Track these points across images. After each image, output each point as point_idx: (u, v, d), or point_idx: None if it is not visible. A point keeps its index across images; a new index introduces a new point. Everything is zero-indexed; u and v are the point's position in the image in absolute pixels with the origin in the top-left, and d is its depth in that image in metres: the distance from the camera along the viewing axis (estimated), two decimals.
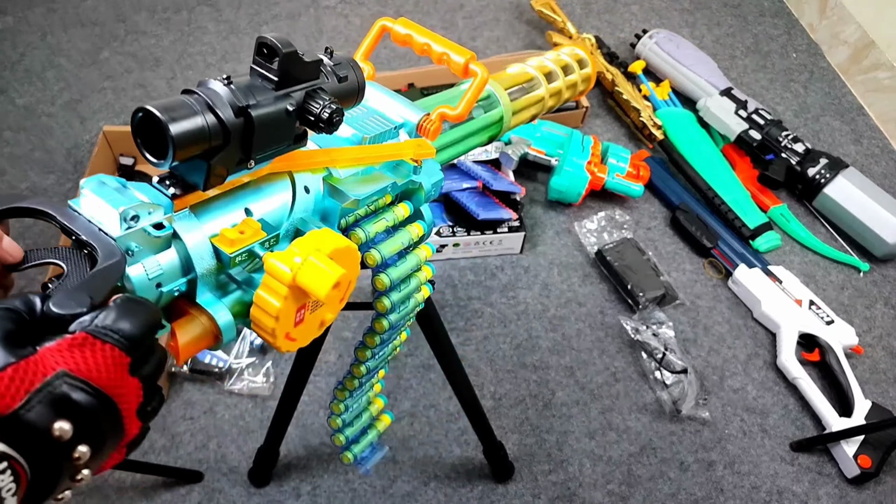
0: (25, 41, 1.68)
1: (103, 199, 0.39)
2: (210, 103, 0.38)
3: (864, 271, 1.31)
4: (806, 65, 1.72)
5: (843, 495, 1.04)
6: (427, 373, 1.15)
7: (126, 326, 0.31)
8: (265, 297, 0.40)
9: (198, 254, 0.41)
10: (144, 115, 0.37)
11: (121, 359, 0.31)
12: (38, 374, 0.28)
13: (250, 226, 0.44)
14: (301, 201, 0.49)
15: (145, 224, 0.39)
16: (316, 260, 0.40)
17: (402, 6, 1.82)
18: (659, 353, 1.13)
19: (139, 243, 0.39)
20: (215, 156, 0.39)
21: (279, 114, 0.42)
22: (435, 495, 1.03)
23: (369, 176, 0.54)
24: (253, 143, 0.41)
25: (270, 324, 0.41)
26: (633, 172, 1.36)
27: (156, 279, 0.40)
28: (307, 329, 0.45)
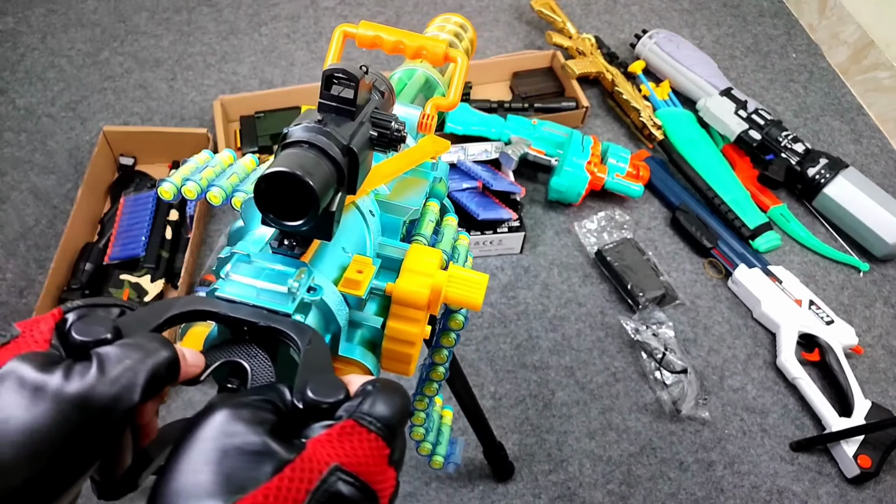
0: (25, 42, 1.68)
1: (257, 279, 0.37)
2: (323, 149, 0.37)
3: (863, 271, 1.31)
4: (806, 65, 1.72)
5: (842, 495, 1.04)
6: None
7: (387, 413, 0.30)
8: (401, 327, 0.40)
9: (336, 306, 0.40)
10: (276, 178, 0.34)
11: (383, 450, 0.29)
12: (315, 470, 0.27)
13: (363, 263, 0.42)
14: (373, 225, 0.48)
15: (302, 291, 0.37)
16: (457, 270, 0.40)
17: (401, 7, 1.82)
18: (659, 353, 1.13)
19: (299, 312, 0.37)
20: (335, 202, 0.38)
21: (366, 142, 0.41)
22: (436, 495, 1.03)
23: (401, 184, 0.54)
24: (357, 177, 0.40)
25: (409, 351, 0.41)
26: (633, 172, 1.36)
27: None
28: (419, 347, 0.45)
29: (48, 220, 1.32)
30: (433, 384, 0.63)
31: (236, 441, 0.27)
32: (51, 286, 1.12)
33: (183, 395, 1.11)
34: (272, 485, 0.25)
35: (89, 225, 1.27)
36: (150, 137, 1.37)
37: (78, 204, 1.23)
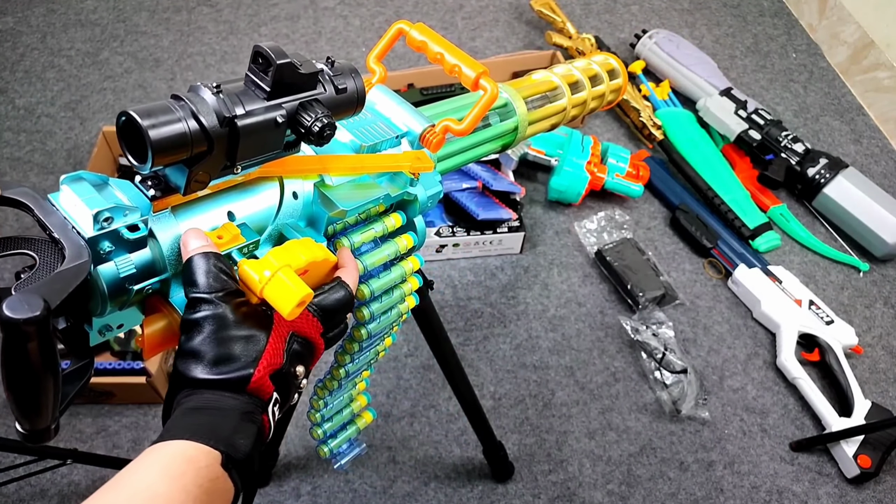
0: (25, 42, 1.68)
1: (80, 198, 0.39)
2: (195, 111, 0.38)
3: (863, 271, 1.31)
4: (805, 65, 1.72)
5: (842, 495, 1.04)
6: (427, 373, 1.15)
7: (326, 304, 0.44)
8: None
9: (172, 254, 0.42)
10: (127, 119, 0.37)
11: (318, 325, 0.44)
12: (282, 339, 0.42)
13: (229, 231, 0.44)
14: (287, 206, 0.49)
15: (120, 226, 0.39)
16: (284, 276, 0.41)
17: (401, 7, 1.82)
18: (659, 353, 1.13)
19: (112, 243, 0.39)
20: (198, 162, 0.39)
21: (267, 124, 0.41)
22: (435, 495, 1.03)
23: (363, 184, 0.53)
24: (238, 151, 0.41)
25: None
26: (633, 172, 1.36)
27: (127, 277, 0.40)
28: None
29: None
30: (334, 381, 0.65)
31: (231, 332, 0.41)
32: None
33: None
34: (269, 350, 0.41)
35: None
36: None
37: None
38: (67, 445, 1.05)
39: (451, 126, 0.57)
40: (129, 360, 1.08)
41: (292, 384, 0.43)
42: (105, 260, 0.40)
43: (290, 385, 0.43)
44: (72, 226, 0.39)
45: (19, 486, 1.01)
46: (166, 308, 0.44)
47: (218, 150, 0.40)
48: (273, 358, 0.41)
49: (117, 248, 0.40)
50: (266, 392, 0.41)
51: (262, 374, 0.40)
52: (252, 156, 0.43)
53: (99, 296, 0.40)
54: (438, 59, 0.59)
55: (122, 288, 0.41)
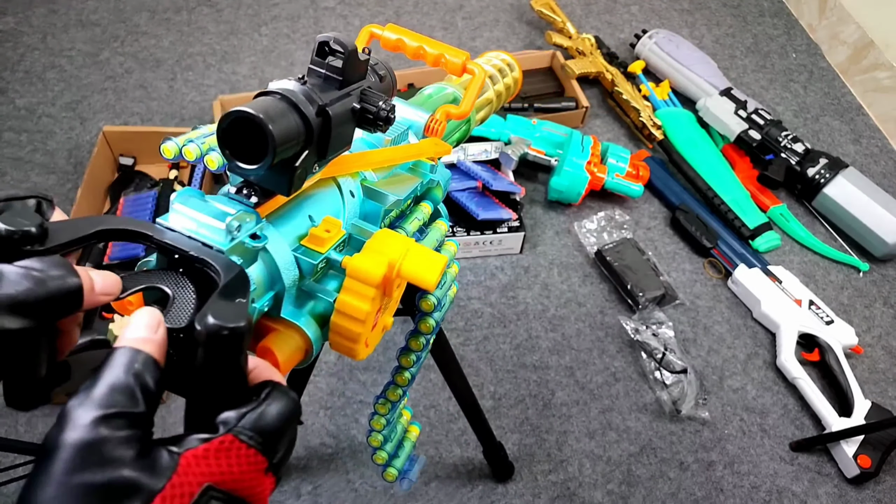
0: (26, 42, 1.68)
1: (200, 213, 0.36)
2: (295, 102, 0.37)
3: (863, 271, 1.31)
4: (805, 65, 1.72)
5: (842, 495, 1.04)
6: (427, 373, 1.15)
7: (270, 426, 0.30)
8: (350, 301, 0.39)
9: (285, 264, 0.39)
10: (238, 119, 0.34)
11: (261, 463, 0.29)
12: (186, 494, 0.27)
13: (333, 224, 0.42)
14: (350, 205, 0.48)
15: (244, 235, 0.36)
16: (419, 248, 0.39)
17: (401, 7, 1.82)
18: (659, 353, 1.13)
19: (240, 256, 0.36)
20: (298, 158, 0.38)
21: (347, 112, 0.41)
22: (435, 495, 1.03)
23: (395, 178, 0.54)
24: (329, 143, 0.39)
25: (357, 329, 0.39)
26: (633, 172, 1.36)
27: (251, 295, 0.37)
28: (376, 334, 0.44)
29: None
30: (398, 389, 0.62)
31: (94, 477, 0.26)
32: None
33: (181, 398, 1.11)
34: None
35: None
36: (149, 137, 1.37)
37: (78, 204, 1.23)
38: None
39: (450, 111, 0.59)
40: None
41: None
42: None
43: None
44: (202, 243, 0.35)
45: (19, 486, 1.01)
46: (279, 325, 0.40)
47: (314, 144, 0.38)
48: None
49: (243, 263, 0.36)
50: None
51: None
52: (335, 150, 0.41)
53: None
54: (420, 54, 0.59)
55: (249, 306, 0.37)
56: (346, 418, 1.10)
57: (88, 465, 0.26)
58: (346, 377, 1.14)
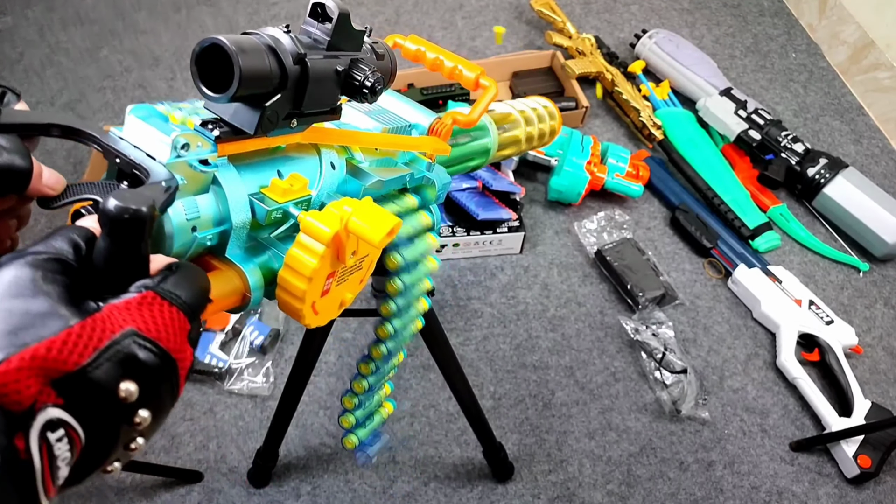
0: (25, 40, 1.68)
1: (152, 127, 0.37)
2: (273, 46, 0.38)
3: (863, 271, 1.31)
4: (805, 65, 1.72)
5: (842, 495, 1.04)
6: (427, 373, 1.15)
7: (187, 293, 0.30)
8: (299, 255, 0.39)
9: (236, 203, 0.40)
10: (211, 47, 0.35)
11: (184, 324, 0.30)
12: (107, 331, 0.26)
13: (299, 180, 0.43)
14: (328, 176, 0.48)
15: (193, 157, 0.37)
16: (370, 206, 0.40)
17: (400, 6, 1.82)
18: (659, 353, 1.13)
19: (184, 177, 0.36)
20: (269, 99, 0.38)
21: (329, 72, 0.41)
22: (435, 495, 1.03)
23: (386, 168, 0.54)
24: (305, 95, 0.40)
25: (302, 286, 0.39)
26: (633, 172, 1.36)
27: (193, 221, 0.37)
28: (329, 305, 0.44)
29: (47, 219, 1.32)
30: (371, 363, 0.61)
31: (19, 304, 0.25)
32: None
33: (182, 395, 1.10)
34: (57, 339, 0.25)
35: None
36: None
37: None
38: None
39: (458, 117, 0.59)
40: None
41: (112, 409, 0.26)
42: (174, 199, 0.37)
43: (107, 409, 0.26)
44: (146, 154, 0.36)
45: None
46: (222, 265, 0.40)
47: (288, 91, 0.39)
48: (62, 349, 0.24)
49: (186, 185, 0.37)
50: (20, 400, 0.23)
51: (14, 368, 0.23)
52: (312, 105, 0.42)
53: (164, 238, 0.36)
54: (437, 65, 0.61)
55: (187, 233, 0.37)
56: None
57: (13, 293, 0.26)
58: (345, 377, 1.14)
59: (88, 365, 0.25)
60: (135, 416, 0.27)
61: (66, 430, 0.24)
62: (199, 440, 1.07)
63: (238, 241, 0.41)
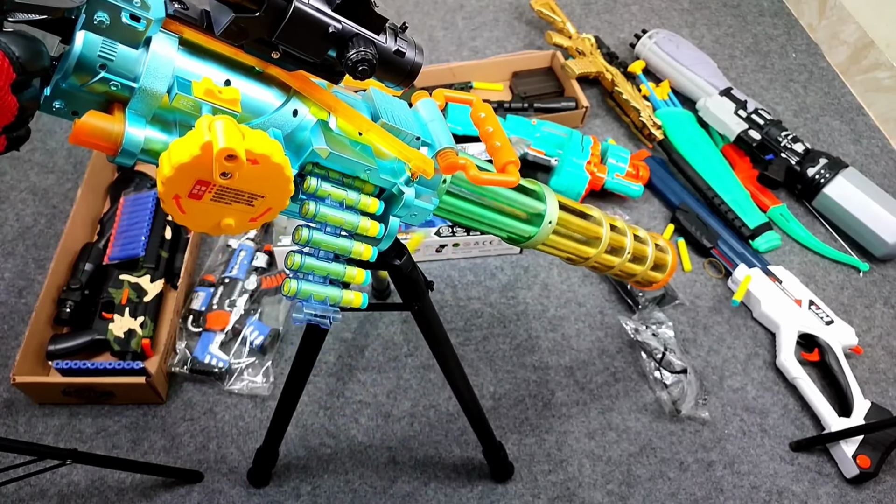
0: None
1: None
2: None
3: (863, 271, 1.31)
4: (805, 65, 1.72)
5: (842, 495, 1.04)
6: (427, 373, 1.15)
7: (20, 49, 0.37)
8: (177, 145, 0.41)
9: (153, 70, 0.42)
10: None
11: (8, 71, 0.36)
12: None
13: (232, 93, 0.44)
14: (280, 115, 0.49)
15: (124, 6, 0.40)
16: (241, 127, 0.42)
17: (401, 7, 1.82)
18: (658, 353, 1.13)
19: (109, 19, 0.39)
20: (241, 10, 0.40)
21: (319, 26, 0.42)
22: (435, 495, 1.03)
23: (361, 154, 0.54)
24: (280, 30, 0.42)
25: (166, 171, 0.41)
26: (633, 172, 1.36)
27: (104, 59, 0.41)
28: (202, 212, 0.45)
29: (47, 219, 1.32)
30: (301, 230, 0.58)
31: None
32: (50, 286, 1.12)
33: (182, 395, 1.11)
34: None
35: (89, 225, 1.27)
36: None
37: (77, 204, 1.23)
38: (67, 445, 1.05)
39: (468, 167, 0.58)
40: (128, 361, 1.08)
41: None
42: (94, 31, 0.40)
43: None
44: None
45: (19, 486, 1.01)
46: (118, 114, 0.43)
47: (265, 16, 0.41)
48: None
49: (111, 30, 0.40)
50: None
51: None
52: (289, 45, 0.43)
53: (69, 58, 0.40)
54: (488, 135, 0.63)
55: (93, 67, 0.41)
56: (346, 418, 1.10)
57: None
58: (345, 377, 1.14)
59: None
60: None
61: None
62: (199, 440, 1.07)
63: (142, 105, 0.43)
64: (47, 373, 1.10)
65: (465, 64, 1.55)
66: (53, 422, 1.08)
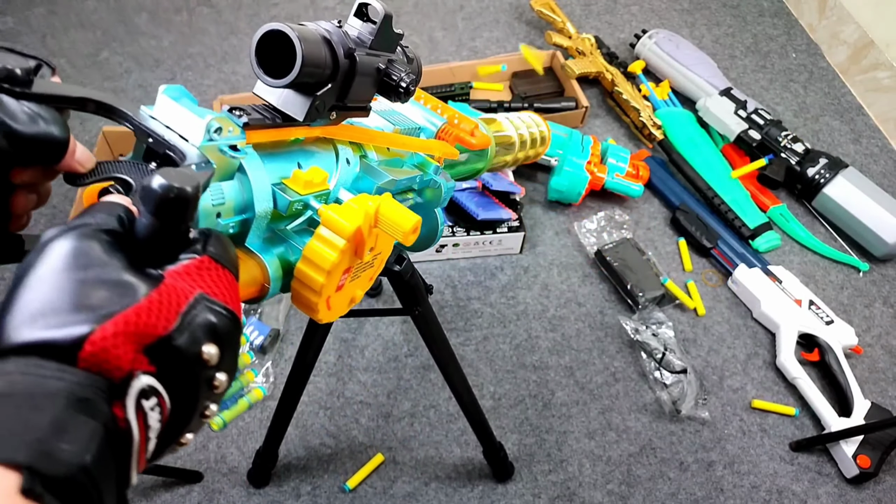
0: (25, 42, 1.68)
1: (184, 108, 0.36)
2: (328, 38, 0.39)
3: (863, 271, 1.31)
4: (805, 65, 1.72)
5: (842, 495, 1.04)
6: (427, 373, 1.15)
7: (229, 256, 0.31)
8: (319, 248, 0.39)
9: (260, 192, 0.39)
10: (273, 34, 0.37)
11: (236, 286, 0.30)
12: (182, 296, 0.26)
13: (319, 173, 0.43)
14: (343, 172, 0.49)
15: (224, 142, 0.37)
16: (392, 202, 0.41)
17: (400, 7, 1.82)
18: (658, 353, 1.13)
19: (214, 161, 0.36)
20: (321, 88, 0.40)
21: (372, 69, 0.43)
22: (435, 495, 1.03)
23: (397, 168, 0.55)
24: (351, 88, 0.42)
25: (320, 279, 0.39)
26: (633, 172, 1.36)
27: (218, 207, 0.37)
28: (341, 301, 0.44)
29: (47, 219, 1.32)
30: None
31: (92, 273, 0.25)
32: None
33: None
34: (142, 305, 0.25)
35: None
36: None
37: (77, 204, 1.23)
38: None
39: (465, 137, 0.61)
40: None
41: (197, 374, 0.26)
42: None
43: (192, 374, 0.26)
44: (179, 135, 0.36)
45: None
46: (242, 253, 0.40)
47: (336, 83, 0.40)
48: (149, 315, 0.25)
49: (216, 174, 0.37)
50: (119, 366, 0.23)
51: (111, 334, 0.23)
52: (354, 99, 0.43)
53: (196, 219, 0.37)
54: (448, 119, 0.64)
55: (211, 218, 0.37)
56: (346, 419, 1.10)
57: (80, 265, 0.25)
58: (345, 378, 1.14)
59: (175, 330, 0.25)
60: (214, 379, 0.27)
61: (157, 399, 0.25)
62: (198, 440, 1.07)
63: (258, 231, 0.41)
64: None
65: (464, 64, 1.55)
66: None
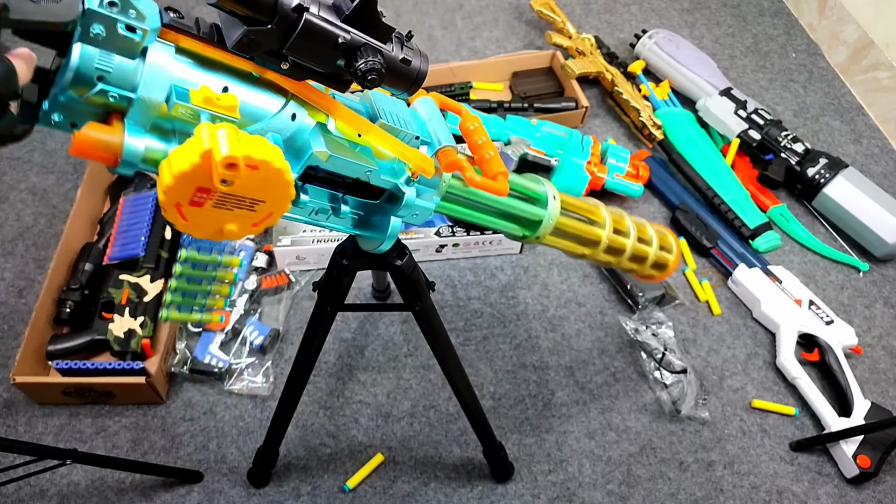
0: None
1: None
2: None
3: (863, 271, 1.31)
4: (805, 65, 1.72)
5: (842, 495, 1.04)
6: (427, 373, 1.15)
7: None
8: (177, 154, 0.42)
9: (151, 80, 0.43)
10: None
11: None
12: None
13: (230, 100, 0.45)
14: (279, 120, 0.49)
15: (121, 19, 0.40)
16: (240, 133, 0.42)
17: (400, 6, 1.82)
18: (658, 353, 1.13)
19: (105, 31, 0.40)
20: (254, 23, 0.41)
21: (328, 37, 0.43)
22: (435, 496, 1.03)
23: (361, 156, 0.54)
24: (291, 41, 0.42)
25: (166, 180, 0.42)
26: (633, 172, 1.36)
27: (101, 71, 0.41)
28: (204, 219, 0.46)
29: (47, 219, 1.32)
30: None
31: None
32: (50, 286, 1.12)
33: (182, 395, 1.11)
34: None
35: (89, 225, 1.27)
36: None
37: (77, 204, 1.23)
38: (67, 445, 1.05)
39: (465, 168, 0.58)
40: (128, 361, 1.08)
41: None
42: (90, 43, 0.40)
43: None
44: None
45: (19, 486, 1.01)
46: (117, 126, 0.44)
47: (275, 29, 0.41)
48: None
49: (107, 42, 0.40)
50: None
51: None
52: (299, 56, 0.44)
53: (67, 72, 0.41)
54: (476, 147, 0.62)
55: (90, 79, 0.41)
56: (346, 418, 1.10)
57: None
58: (345, 377, 1.14)
59: None
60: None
61: None
62: (199, 440, 1.07)
63: (141, 115, 0.44)
64: (47, 373, 1.10)
65: (464, 64, 1.55)
66: (53, 422, 1.08)
